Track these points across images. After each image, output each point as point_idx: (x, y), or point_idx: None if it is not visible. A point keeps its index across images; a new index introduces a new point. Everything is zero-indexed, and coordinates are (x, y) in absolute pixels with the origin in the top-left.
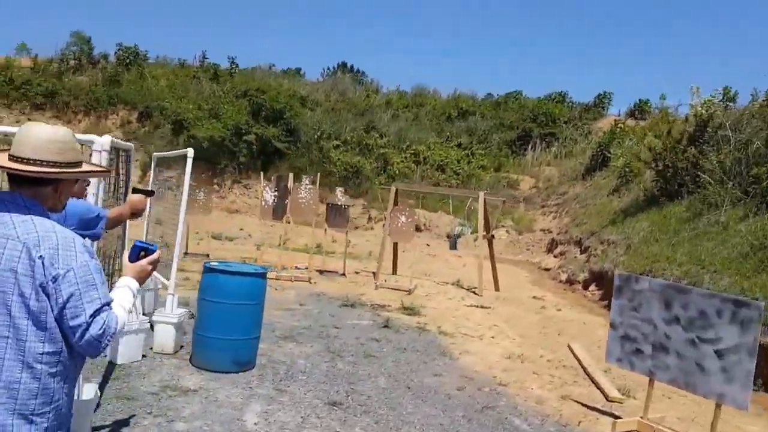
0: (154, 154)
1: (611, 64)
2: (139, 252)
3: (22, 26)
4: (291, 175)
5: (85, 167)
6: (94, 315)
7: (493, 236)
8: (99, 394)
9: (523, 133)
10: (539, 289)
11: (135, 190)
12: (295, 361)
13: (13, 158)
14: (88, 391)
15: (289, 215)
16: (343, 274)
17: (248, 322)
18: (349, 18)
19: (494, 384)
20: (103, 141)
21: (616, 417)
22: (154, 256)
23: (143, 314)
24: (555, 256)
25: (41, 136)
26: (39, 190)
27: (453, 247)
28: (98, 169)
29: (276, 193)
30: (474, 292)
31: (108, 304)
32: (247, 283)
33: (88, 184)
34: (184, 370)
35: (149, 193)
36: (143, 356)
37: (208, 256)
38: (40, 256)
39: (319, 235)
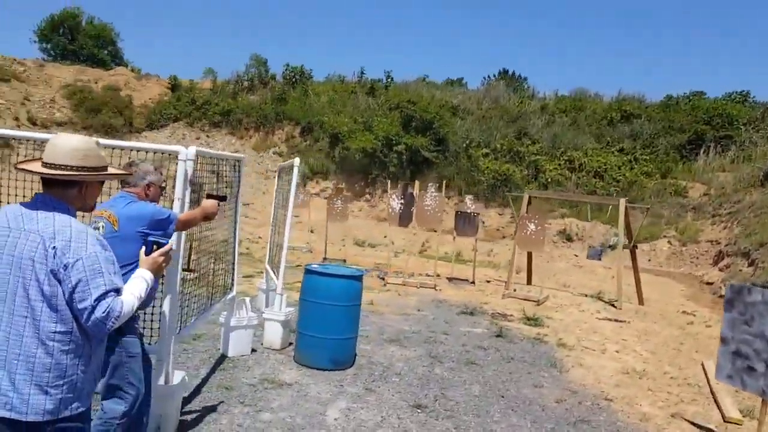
0: (279, 164)
1: None
2: (152, 246)
3: (210, 52)
4: (416, 182)
5: (110, 170)
6: (99, 299)
7: (635, 246)
8: (186, 381)
9: (695, 136)
10: (693, 304)
11: (209, 196)
12: (393, 364)
13: (44, 164)
14: (176, 377)
15: (415, 222)
16: (472, 282)
17: (344, 322)
18: (510, 26)
19: (599, 399)
20: (188, 152)
21: None
22: (165, 248)
23: (257, 311)
24: (720, 270)
25: (66, 145)
26: (65, 191)
27: (594, 257)
28: (119, 172)
29: (402, 201)
30: (613, 306)
31: (115, 290)
32: (343, 285)
33: (163, 189)
34: (286, 366)
35: (222, 198)
36: (253, 350)
37: (344, 261)
38: (54, 247)
39: (460, 244)
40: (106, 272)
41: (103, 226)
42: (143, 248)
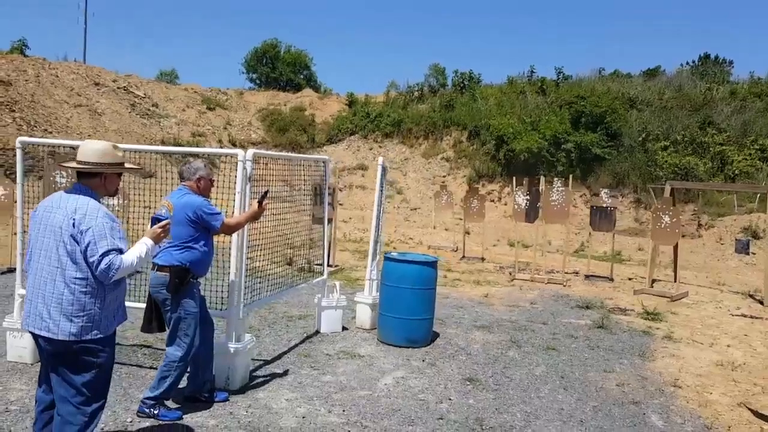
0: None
1: None
2: (155, 221)
3: (391, 66)
4: (542, 178)
5: (126, 165)
6: (103, 255)
7: None
8: (254, 341)
9: None
10: None
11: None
12: (470, 345)
13: (77, 162)
14: (246, 338)
15: (542, 218)
16: (611, 279)
17: (417, 304)
18: (714, 8)
19: (666, 385)
20: (246, 154)
21: None
22: (162, 223)
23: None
24: None
25: (89, 147)
26: (90, 180)
27: (741, 251)
28: (133, 167)
29: (528, 197)
30: (761, 303)
31: (116, 250)
32: (415, 270)
33: (211, 184)
34: (367, 342)
35: (264, 195)
36: (343, 328)
37: (483, 259)
38: (73, 218)
39: (619, 243)
40: (110, 237)
41: (164, 212)
42: (150, 223)
